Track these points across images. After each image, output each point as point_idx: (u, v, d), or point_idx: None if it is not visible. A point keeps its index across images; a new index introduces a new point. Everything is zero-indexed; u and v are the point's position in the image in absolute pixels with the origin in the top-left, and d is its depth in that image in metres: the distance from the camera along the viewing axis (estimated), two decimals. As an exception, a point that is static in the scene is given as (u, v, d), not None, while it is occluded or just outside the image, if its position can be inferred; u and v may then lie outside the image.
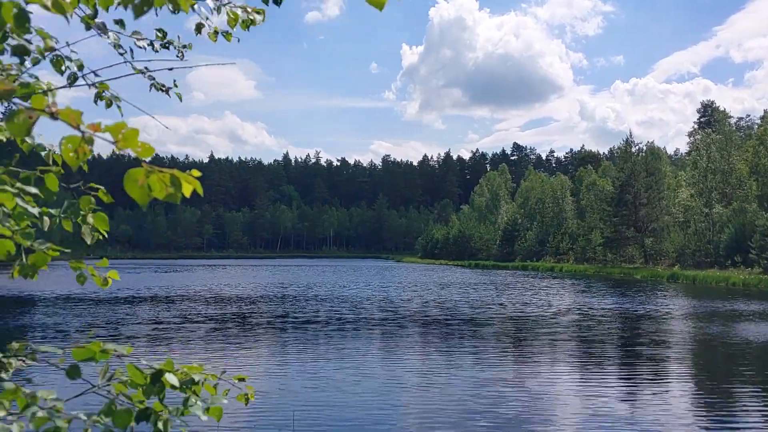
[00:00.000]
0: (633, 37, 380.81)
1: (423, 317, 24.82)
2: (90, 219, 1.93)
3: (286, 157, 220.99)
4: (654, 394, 11.90)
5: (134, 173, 1.31)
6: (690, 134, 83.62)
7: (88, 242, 1.83)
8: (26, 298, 33.10)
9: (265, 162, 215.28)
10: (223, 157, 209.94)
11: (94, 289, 38.20)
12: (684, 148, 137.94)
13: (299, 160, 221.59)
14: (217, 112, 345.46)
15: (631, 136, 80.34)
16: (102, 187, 1.91)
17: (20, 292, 36.52)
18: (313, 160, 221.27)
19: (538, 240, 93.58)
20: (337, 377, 12.88)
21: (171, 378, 1.82)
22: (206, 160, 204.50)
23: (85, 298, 32.64)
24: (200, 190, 1.37)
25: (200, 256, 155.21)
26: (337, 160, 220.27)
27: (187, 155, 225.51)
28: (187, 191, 1.35)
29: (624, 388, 12.44)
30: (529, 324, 22.60)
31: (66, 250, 1.97)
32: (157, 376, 1.81)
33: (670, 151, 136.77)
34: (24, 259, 1.86)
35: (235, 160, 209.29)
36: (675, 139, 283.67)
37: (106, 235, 1.98)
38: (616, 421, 9.86)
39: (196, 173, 1.38)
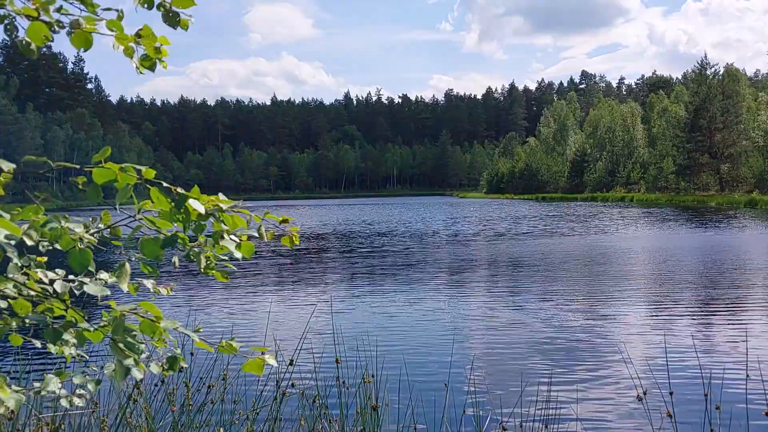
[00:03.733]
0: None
1: (494, 251, 24.63)
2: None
3: (347, 96, 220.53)
4: (739, 323, 11.46)
5: None
6: (771, 52, 78.70)
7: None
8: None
9: (326, 102, 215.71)
10: (284, 99, 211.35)
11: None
12: (765, 69, 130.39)
13: (360, 98, 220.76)
14: (275, 53, 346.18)
15: (705, 57, 76.68)
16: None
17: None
18: (375, 99, 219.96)
19: (607, 170, 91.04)
20: (403, 313, 12.89)
21: (196, 204, 1.68)
22: (268, 103, 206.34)
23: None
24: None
25: (268, 197, 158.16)
26: (399, 97, 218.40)
27: (250, 98, 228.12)
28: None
29: (703, 319, 12.03)
30: (607, 254, 22.09)
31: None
32: (182, 200, 1.67)
33: (750, 72, 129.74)
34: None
35: (297, 102, 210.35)
36: (754, 60, 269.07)
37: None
38: (693, 352, 9.55)
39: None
